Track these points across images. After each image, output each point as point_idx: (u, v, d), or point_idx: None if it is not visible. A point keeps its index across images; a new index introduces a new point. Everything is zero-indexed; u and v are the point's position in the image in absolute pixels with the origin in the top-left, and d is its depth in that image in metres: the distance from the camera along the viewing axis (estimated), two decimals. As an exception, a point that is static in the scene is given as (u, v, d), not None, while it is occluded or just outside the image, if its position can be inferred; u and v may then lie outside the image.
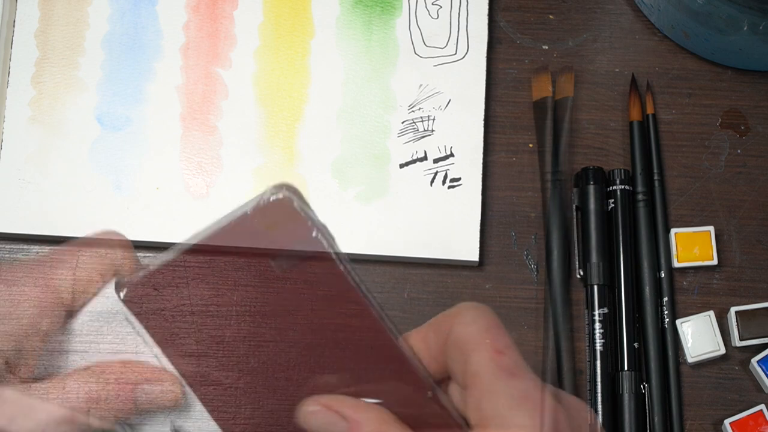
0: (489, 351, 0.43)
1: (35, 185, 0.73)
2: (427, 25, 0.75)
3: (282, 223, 0.45)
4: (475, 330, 0.43)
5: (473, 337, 0.43)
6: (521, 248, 0.74)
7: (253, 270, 0.45)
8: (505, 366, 0.43)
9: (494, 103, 0.75)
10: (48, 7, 0.75)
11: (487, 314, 0.44)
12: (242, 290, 0.45)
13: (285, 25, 0.75)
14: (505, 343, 0.43)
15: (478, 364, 0.43)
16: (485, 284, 0.73)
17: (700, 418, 0.71)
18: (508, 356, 0.43)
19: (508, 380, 0.42)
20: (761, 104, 0.76)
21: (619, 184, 0.73)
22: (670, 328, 0.72)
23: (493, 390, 0.42)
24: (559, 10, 0.77)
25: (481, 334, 0.43)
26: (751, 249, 0.74)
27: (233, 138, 0.74)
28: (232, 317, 0.46)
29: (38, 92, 0.74)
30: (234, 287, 0.46)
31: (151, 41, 0.75)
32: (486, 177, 0.74)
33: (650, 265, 0.72)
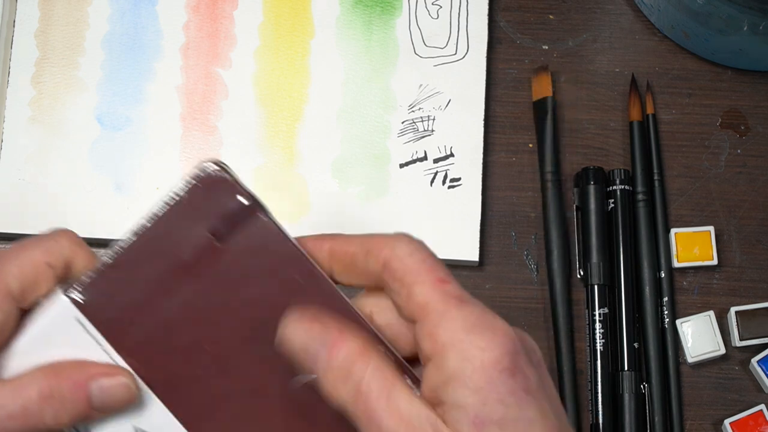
0: (432, 280, 0.43)
1: (35, 185, 0.73)
2: (427, 25, 0.75)
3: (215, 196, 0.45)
4: (413, 262, 0.43)
5: (413, 268, 0.43)
6: (521, 248, 0.74)
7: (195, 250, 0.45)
8: (452, 294, 0.43)
9: (494, 103, 0.75)
10: (48, 7, 0.75)
11: (421, 246, 0.44)
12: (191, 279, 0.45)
13: (285, 25, 0.75)
14: (445, 272, 0.43)
15: (424, 295, 0.43)
16: (485, 284, 0.73)
17: (700, 418, 0.71)
18: (452, 284, 0.43)
19: (460, 306, 0.42)
20: (761, 104, 0.76)
21: (619, 184, 0.73)
22: (670, 328, 0.72)
23: (447, 317, 0.42)
24: (559, 10, 0.77)
25: (420, 265, 0.43)
26: (751, 249, 0.74)
27: (233, 138, 0.74)
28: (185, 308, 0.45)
29: (38, 92, 0.74)
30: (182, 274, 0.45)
31: (151, 41, 0.75)
32: (486, 177, 0.74)
33: (650, 265, 0.72)
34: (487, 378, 0.41)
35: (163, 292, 0.45)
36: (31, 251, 0.45)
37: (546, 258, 0.73)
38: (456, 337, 0.41)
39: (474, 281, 0.73)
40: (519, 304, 0.73)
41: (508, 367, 0.41)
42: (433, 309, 0.42)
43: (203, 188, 0.45)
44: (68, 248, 0.46)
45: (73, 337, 0.45)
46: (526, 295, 0.73)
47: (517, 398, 0.41)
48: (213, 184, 0.45)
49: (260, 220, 0.45)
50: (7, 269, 0.45)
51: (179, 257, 0.45)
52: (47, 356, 0.45)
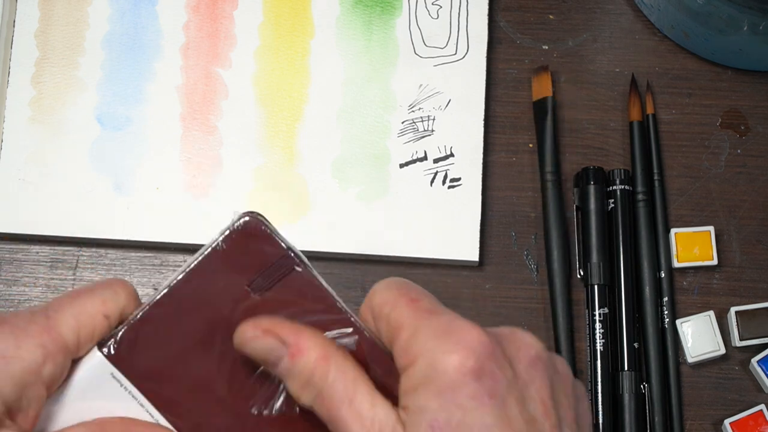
0: (404, 302, 0.43)
1: (35, 185, 0.73)
2: (427, 25, 0.75)
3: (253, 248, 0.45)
4: (388, 294, 0.43)
5: (388, 299, 0.43)
6: (521, 248, 0.74)
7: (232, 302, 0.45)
8: (423, 308, 0.42)
9: (494, 103, 0.75)
10: (48, 7, 0.75)
11: (395, 279, 0.44)
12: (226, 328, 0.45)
13: (285, 25, 0.75)
14: (418, 292, 0.43)
15: (398, 316, 0.42)
16: (485, 284, 0.73)
17: (700, 418, 0.71)
18: (424, 301, 0.43)
19: (429, 318, 0.42)
20: (761, 104, 0.76)
21: (619, 184, 0.73)
22: (670, 328, 0.72)
23: (415, 330, 0.42)
24: (559, 10, 0.77)
25: (393, 293, 0.43)
26: (751, 249, 0.74)
27: (233, 138, 0.74)
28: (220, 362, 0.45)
29: (38, 92, 0.74)
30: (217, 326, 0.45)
31: (151, 41, 0.75)
32: (486, 177, 0.74)
33: (650, 265, 0.72)
34: (449, 381, 0.40)
35: (199, 345, 0.45)
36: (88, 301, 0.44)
37: (546, 258, 0.73)
38: (425, 346, 0.41)
39: (474, 281, 0.73)
40: (519, 304, 0.73)
41: (472, 368, 0.40)
42: (405, 326, 0.42)
43: (241, 239, 0.45)
44: (125, 299, 0.45)
45: (110, 392, 0.45)
46: (526, 295, 0.73)
47: (479, 402, 0.40)
48: (251, 236, 0.45)
49: (299, 273, 0.45)
50: (64, 320, 0.44)
51: (215, 310, 0.45)
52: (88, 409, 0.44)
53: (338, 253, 0.72)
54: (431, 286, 0.72)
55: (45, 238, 0.73)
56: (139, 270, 0.73)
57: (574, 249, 0.73)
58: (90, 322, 0.44)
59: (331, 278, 0.72)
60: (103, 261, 0.73)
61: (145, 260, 0.73)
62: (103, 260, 0.73)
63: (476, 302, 0.73)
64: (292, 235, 0.72)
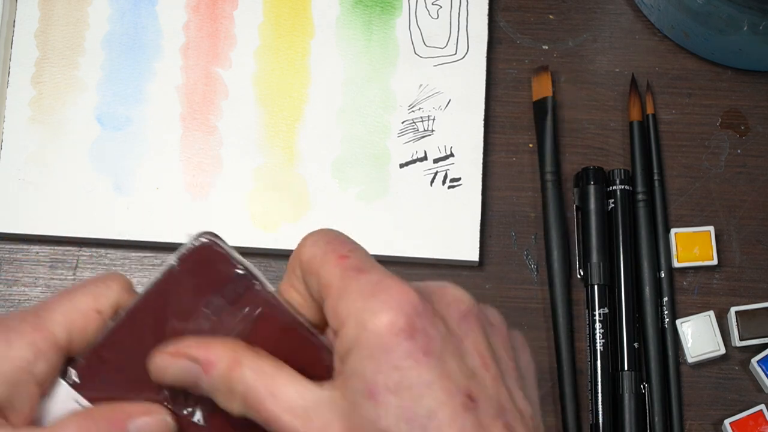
0: (334, 259, 0.41)
1: (35, 185, 0.73)
2: (427, 25, 0.75)
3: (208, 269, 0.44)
4: (317, 249, 0.42)
5: (317, 255, 0.42)
6: (521, 248, 0.74)
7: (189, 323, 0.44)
8: (351, 266, 0.41)
9: (494, 103, 0.75)
10: (48, 7, 0.75)
11: (326, 231, 0.43)
12: None
13: (285, 25, 0.75)
14: (348, 248, 0.42)
15: (326, 274, 0.41)
16: (485, 284, 0.73)
17: (700, 418, 0.71)
18: (353, 257, 0.41)
19: (357, 277, 0.40)
20: (761, 104, 0.76)
21: (619, 184, 0.73)
22: (670, 328, 0.72)
23: (344, 290, 0.40)
24: (559, 10, 0.77)
25: (322, 249, 0.42)
26: (751, 249, 0.74)
27: (233, 138, 0.74)
28: None
29: (38, 92, 0.74)
30: None
31: (151, 41, 0.75)
32: (486, 177, 0.74)
33: (650, 265, 0.72)
34: (381, 343, 0.39)
35: None
36: (79, 298, 0.44)
37: (546, 258, 0.73)
38: (353, 307, 0.40)
39: (474, 281, 0.73)
40: (519, 304, 0.73)
41: (403, 328, 0.39)
42: (333, 286, 0.41)
43: (196, 261, 0.44)
44: (118, 293, 0.45)
45: None
46: (526, 295, 0.73)
47: (414, 360, 0.39)
48: (206, 257, 0.44)
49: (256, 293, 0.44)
50: (54, 318, 0.43)
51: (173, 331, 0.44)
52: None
53: (338, 253, 0.72)
54: (431, 286, 0.72)
55: (45, 238, 0.73)
56: (139, 270, 0.73)
57: (574, 249, 0.73)
58: (81, 318, 0.44)
59: (331, 278, 0.73)
60: (103, 261, 0.73)
61: (145, 260, 0.73)
62: (103, 260, 0.73)
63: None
64: (291, 235, 0.72)
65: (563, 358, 0.71)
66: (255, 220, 0.72)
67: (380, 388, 0.38)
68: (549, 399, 0.71)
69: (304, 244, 0.42)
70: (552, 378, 0.71)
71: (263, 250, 0.72)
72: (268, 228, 0.72)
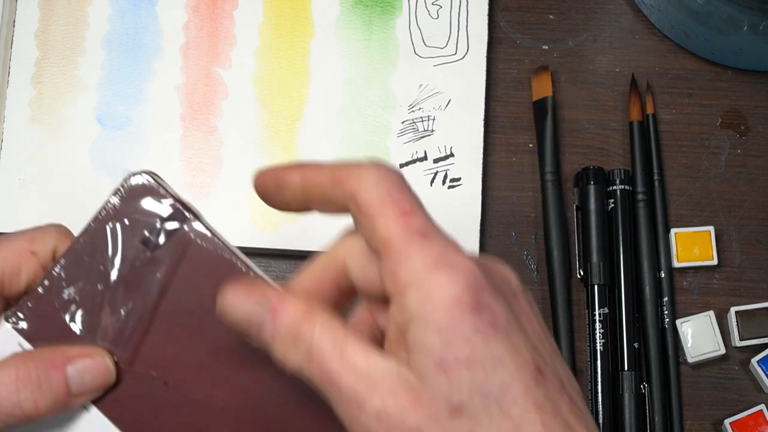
0: (395, 213, 0.40)
1: (35, 185, 0.73)
2: (427, 25, 0.75)
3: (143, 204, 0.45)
4: (377, 194, 0.41)
5: (377, 200, 0.41)
6: (521, 248, 0.74)
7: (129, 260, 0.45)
8: (414, 228, 0.40)
9: (494, 103, 0.75)
10: (48, 7, 0.75)
11: (390, 175, 0.42)
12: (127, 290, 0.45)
13: (285, 25, 0.75)
14: (411, 203, 0.41)
15: (386, 229, 0.40)
16: (485, 284, 0.73)
17: (700, 418, 0.71)
18: (416, 217, 0.41)
19: (422, 242, 0.40)
20: (761, 104, 0.76)
21: (619, 184, 0.73)
22: (670, 328, 0.72)
23: (407, 254, 0.40)
24: (559, 10, 0.77)
25: (384, 197, 0.41)
26: (751, 249, 0.74)
27: (233, 138, 0.74)
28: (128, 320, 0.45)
29: (38, 92, 0.74)
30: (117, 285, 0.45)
31: (151, 41, 0.75)
32: (486, 177, 0.74)
33: (650, 265, 0.72)
34: (449, 316, 0.39)
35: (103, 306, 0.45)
36: (14, 241, 0.45)
37: (546, 258, 0.73)
38: (416, 276, 0.39)
39: (474, 281, 0.73)
40: (519, 304, 0.73)
41: (470, 303, 0.39)
42: (394, 245, 0.40)
43: (130, 198, 0.45)
44: (55, 237, 0.45)
45: None
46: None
47: (484, 335, 0.39)
48: (139, 194, 0.45)
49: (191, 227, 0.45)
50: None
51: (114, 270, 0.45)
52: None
53: (338, 253, 0.72)
54: (431, 286, 0.72)
55: (45, 238, 0.73)
56: (139, 270, 0.73)
57: (574, 249, 0.73)
58: (15, 257, 0.44)
59: (331, 278, 0.73)
60: (103, 261, 0.73)
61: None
62: (103, 260, 0.73)
63: (476, 302, 0.73)
64: (291, 235, 0.72)
65: (563, 358, 0.71)
66: (255, 220, 0.72)
67: (451, 362, 0.38)
68: (549, 399, 0.71)
69: (364, 181, 0.41)
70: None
71: (263, 250, 0.72)
72: (268, 228, 0.72)
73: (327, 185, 0.42)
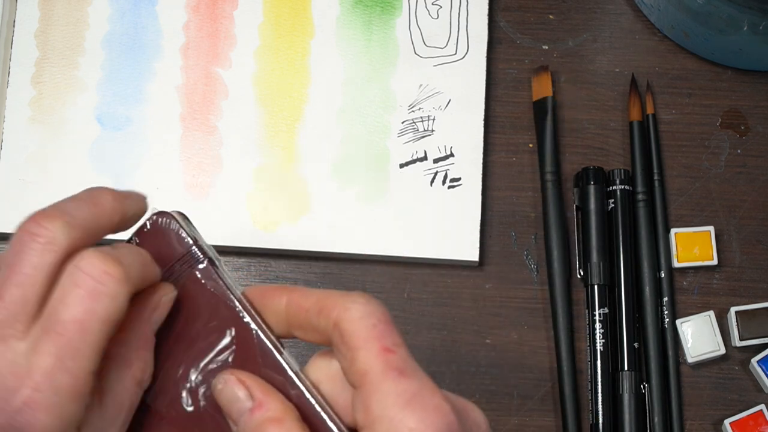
0: (377, 348, 0.41)
1: (35, 185, 0.73)
2: (427, 25, 0.75)
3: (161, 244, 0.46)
4: (363, 326, 0.41)
5: (361, 332, 0.41)
6: (521, 248, 0.74)
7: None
8: (394, 364, 0.40)
9: (494, 103, 0.75)
10: (48, 7, 0.75)
11: (376, 309, 0.42)
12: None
13: (285, 25, 0.75)
14: (394, 340, 0.41)
15: (366, 362, 0.41)
16: (485, 284, 0.73)
17: (700, 418, 0.71)
18: (397, 354, 0.41)
19: (398, 379, 0.40)
20: (761, 104, 0.76)
21: (619, 184, 0.73)
22: (670, 328, 0.72)
23: (382, 389, 0.40)
24: (559, 10, 0.77)
25: (369, 330, 0.41)
26: (751, 249, 0.74)
27: (233, 138, 0.74)
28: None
29: (38, 92, 0.74)
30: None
31: (151, 41, 0.75)
32: (486, 177, 0.74)
33: (650, 265, 0.72)
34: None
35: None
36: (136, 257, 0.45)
37: (546, 258, 0.73)
38: (387, 413, 0.40)
39: (474, 281, 0.73)
40: (519, 304, 0.73)
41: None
42: (370, 379, 0.40)
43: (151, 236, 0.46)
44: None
45: None
46: (526, 295, 0.73)
47: None
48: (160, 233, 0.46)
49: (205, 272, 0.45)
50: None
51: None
52: None
53: (338, 253, 0.72)
54: (431, 286, 0.72)
55: (45, 238, 0.73)
56: (139, 270, 0.73)
57: (574, 249, 0.73)
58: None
59: (331, 278, 0.73)
60: (103, 261, 0.73)
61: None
62: (103, 260, 0.73)
63: (476, 302, 0.73)
64: (291, 235, 0.72)
65: (563, 358, 0.71)
66: (255, 220, 0.72)
67: None
68: (549, 399, 0.71)
69: (351, 312, 0.42)
70: (552, 378, 0.71)
71: (263, 250, 0.72)
72: (268, 228, 0.72)
73: (312, 312, 0.43)
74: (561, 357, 0.71)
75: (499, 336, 0.72)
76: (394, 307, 0.72)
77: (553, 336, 0.72)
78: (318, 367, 0.44)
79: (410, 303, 0.73)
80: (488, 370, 0.72)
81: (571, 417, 0.70)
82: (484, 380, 0.72)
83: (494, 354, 0.72)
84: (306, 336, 0.44)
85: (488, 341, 0.72)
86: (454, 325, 0.72)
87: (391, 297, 0.72)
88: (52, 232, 0.43)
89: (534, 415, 0.71)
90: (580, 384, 0.71)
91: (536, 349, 0.72)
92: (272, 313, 0.44)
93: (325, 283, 0.73)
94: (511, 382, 0.72)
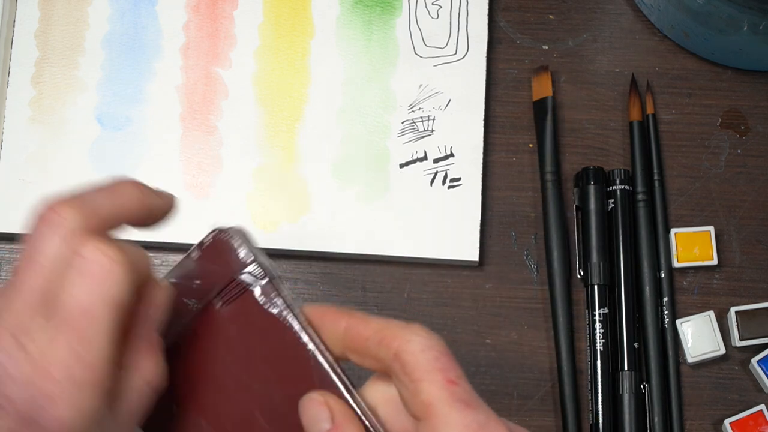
0: (441, 380, 0.42)
1: (35, 185, 0.73)
2: (427, 25, 0.75)
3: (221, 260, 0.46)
4: (424, 358, 0.42)
5: (423, 365, 0.42)
6: (521, 248, 0.74)
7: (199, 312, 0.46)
8: (459, 396, 0.41)
9: (494, 103, 0.75)
10: (48, 7, 0.75)
11: (437, 343, 0.43)
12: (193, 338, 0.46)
13: (285, 25, 0.75)
14: (457, 373, 0.42)
15: (431, 394, 0.41)
16: (485, 284, 0.73)
17: (700, 418, 0.71)
18: (461, 386, 0.42)
19: (464, 411, 0.41)
20: (761, 104, 0.76)
21: (619, 184, 0.73)
22: (670, 328, 0.72)
23: (449, 421, 0.41)
24: (559, 10, 0.77)
25: (431, 363, 0.42)
26: (751, 249, 0.74)
27: (233, 138, 0.74)
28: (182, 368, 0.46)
29: (38, 92, 0.74)
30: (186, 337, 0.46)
31: (151, 41, 0.75)
32: (486, 177, 0.74)
33: (650, 265, 0.72)
34: None
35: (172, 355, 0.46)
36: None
37: (546, 258, 0.73)
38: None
39: (474, 281, 0.73)
40: (519, 304, 0.73)
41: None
42: (437, 410, 0.41)
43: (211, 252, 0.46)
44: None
45: None
46: (526, 295, 0.73)
47: None
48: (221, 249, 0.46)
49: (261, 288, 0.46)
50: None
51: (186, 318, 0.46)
52: None
53: (338, 253, 0.72)
54: (431, 286, 0.72)
55: (45, 238, 0.73)
56: (139, 270, 0.73)
57: (574, 249, 0.73)
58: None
59: (330, 278, 0.73)
60: (103, 261, 0.73)
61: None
62: (103, 260, 0.73)
63: (476, 302, 0.73)
64: (291, 235, 0.72)
65: (563, 358, 0.71)
66: (255, 220, 0.72)
67: None
68: (549, 399, 0.71)
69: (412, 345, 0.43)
70: (552, 378, 0.72)
71: (263, 250, 0.72)
72: (268, 228, 0.72)
73: (372, 341, 0.44)
74: (561, 357, 0.71)
75: (499, 336, 0.72)
76: (394, 307, 0.72)
77: (553, 336, 0.72)
78: (375, 390, 0.45)
79: (410, 303, 0.73)
80: (488, 370, 0.72)
81: (571, 417, 0.70)
82: (484, 380, 0.72)
83: (494, 354, 0.72)
84: (362, 362, 0.44)
85: (488, 341, 0.72)
86: (454, 325, 0.72)
87: (391, 297, 0.72)
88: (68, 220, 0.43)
89: (534, 415, 0.71)
90: (580, 384, 0.71)
91: (536, 349, 0.72)
92: (330, 335, 0.45)
93: (325, 283, 0.73)
94: (511, 382, 0.72)
